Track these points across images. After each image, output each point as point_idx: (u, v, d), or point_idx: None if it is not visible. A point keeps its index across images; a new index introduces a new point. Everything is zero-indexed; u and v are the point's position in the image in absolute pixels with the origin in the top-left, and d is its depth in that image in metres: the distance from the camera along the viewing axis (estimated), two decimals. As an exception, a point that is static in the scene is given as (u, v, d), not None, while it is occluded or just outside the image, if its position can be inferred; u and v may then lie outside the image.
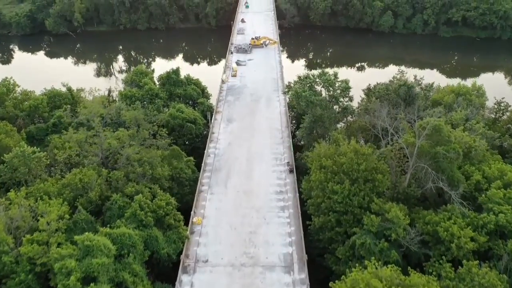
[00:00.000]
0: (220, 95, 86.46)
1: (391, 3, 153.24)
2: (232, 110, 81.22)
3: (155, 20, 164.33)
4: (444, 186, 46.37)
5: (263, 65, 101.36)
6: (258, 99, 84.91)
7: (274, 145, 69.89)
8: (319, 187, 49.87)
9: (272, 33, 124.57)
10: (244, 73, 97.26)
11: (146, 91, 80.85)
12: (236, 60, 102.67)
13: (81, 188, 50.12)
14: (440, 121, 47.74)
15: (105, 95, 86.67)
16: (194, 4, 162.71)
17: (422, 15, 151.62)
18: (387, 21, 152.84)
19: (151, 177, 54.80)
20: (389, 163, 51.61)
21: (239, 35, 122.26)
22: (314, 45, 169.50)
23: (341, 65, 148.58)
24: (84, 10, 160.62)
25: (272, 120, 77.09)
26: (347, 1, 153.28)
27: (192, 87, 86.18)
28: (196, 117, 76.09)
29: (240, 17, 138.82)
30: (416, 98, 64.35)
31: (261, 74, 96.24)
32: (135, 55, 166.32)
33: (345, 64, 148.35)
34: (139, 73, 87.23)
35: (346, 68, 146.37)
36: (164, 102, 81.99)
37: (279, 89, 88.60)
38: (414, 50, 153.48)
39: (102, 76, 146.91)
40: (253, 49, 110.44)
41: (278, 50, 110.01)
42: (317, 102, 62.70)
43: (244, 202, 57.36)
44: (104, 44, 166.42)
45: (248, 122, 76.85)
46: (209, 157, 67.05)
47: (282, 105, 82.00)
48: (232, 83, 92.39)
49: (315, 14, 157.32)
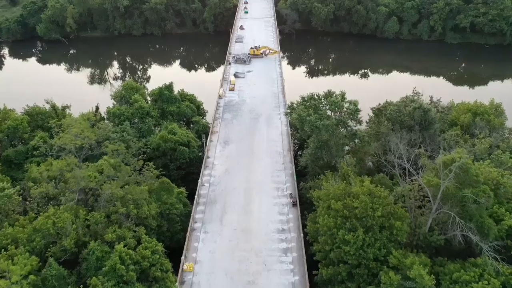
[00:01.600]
0: (217, 112, 79.57)
1: (396, 8, 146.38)
2: (230, 130, 74.39)
3: (151, 25, 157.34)
4: (473, 235, 39.62)
5: (263, 78, 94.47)
6: (257, 117, 78.09)
7: (275, 172, 63.07)
8: (327, 233, 43.10)
9: (272, 41, 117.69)
10: (243, 86, 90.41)
11: (136, 109, 74.05)
12: (234, 72, 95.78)
13: (54, 234, 43.35)
14: (468, 160, 40.90)
15: (93, 111, 79.78)
16: (191, 9, 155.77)
17: (428, 21, 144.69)
18: (392, 27, 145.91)
19: (136, 217, 48.05)
20: (407, 204, 44.87)
21: (238, 44, 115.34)
22: (315, 51, 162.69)
23: (344, 72, 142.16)
24: (77, 15, 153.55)
25: (273, 142, 70.27)
26: (350, 6, 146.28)
27: (187, 104, 79.41)
28: (190, 139, 69.26)
29: (239, 24, 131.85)
30: (433, 122, 57.59)
31: (261, 88, 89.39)
32: (130, 61, 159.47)
33: (348, 71, 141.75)
34: (129, 88, 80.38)
35: (349, 75, 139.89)
36: (155, 121, 75.26)
37: (280, 106, 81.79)
38: (419, 57, 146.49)
39: (96, 83, 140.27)
40: (253, 59, 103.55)
41: (279, 61, 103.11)
42: (323, 127, 55.91)
43: (242, 242, 50.58)
44: (98, 50, 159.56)
45: (247, 144, 70.02)
46: (203, 186, 60.23)
47: (284, 123, 75.21)
48: (229, 98, 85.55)
49: (317, 20, 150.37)
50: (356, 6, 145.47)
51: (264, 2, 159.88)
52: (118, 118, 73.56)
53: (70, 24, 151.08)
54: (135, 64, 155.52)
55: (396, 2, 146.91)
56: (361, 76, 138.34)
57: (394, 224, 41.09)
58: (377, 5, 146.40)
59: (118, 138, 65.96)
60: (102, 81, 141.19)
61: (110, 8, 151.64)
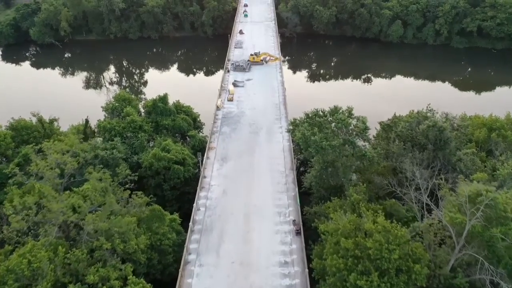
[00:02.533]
0: (214, 126, 74.47)
1: (400, 11, 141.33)
2: (228, 145, 69.29)
3: (148, 29, 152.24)
4: (505, 283, 34.60)
5: (263, 87, 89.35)
6: (257, 131, 73.01)
7: (276, 194, 57.97)
8: (336, 275, 38.07)
9: (273, 46, 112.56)
10: (242, 96, 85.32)
11: (128, 122, 68.98)
12: (233, 80, 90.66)
13: (29, 276, 38.35)
14: (497, 196, 35.85)
15: (82, 124, 74.74)
16: (189, 12, 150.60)
17: (433, 24, 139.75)
18: (396, 31, 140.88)
19: (122, 252, 43.02)
20: (426, 241, 39.87)
21: (237, 50, 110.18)
22: (317, 55, 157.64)
23: (346, 77, 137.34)
24: (72, 18, 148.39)
25: (274, 160, 65.14)
26: (353, 9, 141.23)
27: (182, 117, 74.34)
28: (186, 157, 64.19)
29: (238, 28, 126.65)
30: (449, 142, 52.57)
31: (261, 98, 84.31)
32: (127, 65, 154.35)
33: (350, 75, 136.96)
34: (121, 99, 75.31)
35: (351, 80, 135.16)
36: (149, 136, 70.20)
37: (281, 118, 76.72)
38: (424, 61, 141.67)
39: (92, 88, 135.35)
40: (252, 67, 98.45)
41: (280, 68, 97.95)
42: (329, 147, 50.89)
43: (241, 278, 45.46)
44: (93, 54, 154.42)
45: (246, 161, 64.91)
46: (199, 211, 55.12)
47: (286, 138, 70.07)
48: (228, 109, 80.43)
49: (319, 23, 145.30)
50: (359, 9, 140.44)
51: (264, 5, 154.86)
52: (109, 132, 68.54)
53: (65, 28, 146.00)
54: (132, 68, 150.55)
55: (400, 5, 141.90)
56: (364, 81, 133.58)
57: (412, 267, 36.07)
58: (380, 8, 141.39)
59: (107, 155, 61.12)
60: (98, 86, 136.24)
61: (105, 11, 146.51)
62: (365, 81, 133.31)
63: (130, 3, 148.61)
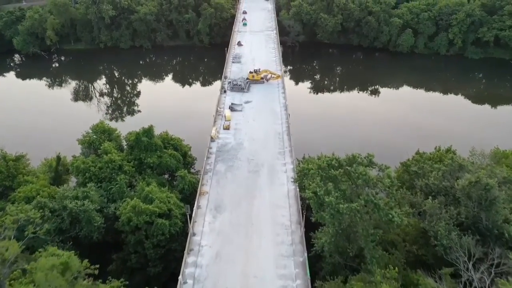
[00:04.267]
0: (207, 162, 63.47)
1: (411, 19, 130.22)
2: (223, 189, 58.31)
3: (140, 37, 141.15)
4: None
5: (264, 111, 78.42)
6: (257, 169, 62.04)
7: (281, 259, 46.98)
8: None
9: (274, 61, 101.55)
10: (240, 123, 74.40)
11: (106, 162, 58.13)
12: (230, 104, 79.75)
13: None
14: None
15: (54, 159, 63.86)
16: (184, 19, 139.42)
17: (446, 33, 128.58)
18: (407, 40, 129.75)
19: None
20: None
21: (235, 65, 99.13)
22: (321, 65, 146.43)
23: (352, 88, 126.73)
24: (59, 26, 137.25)
25: (278, 209, 54.15)
26: (361, 17, 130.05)
27: (170, 153, 63.36)
28: (172, 207, 53.34)
29: (236, 38, 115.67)
30: (496, 202, 41.86)
31: (262, 126, 73.42)
32: (118, 75, 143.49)
33: (356, 87, 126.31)
34: (99, 132, 64.48)
35: (357, 92, 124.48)
36: (130, 178, 59.33)
37: (285, 152, 65.78)
38: (436, 73, 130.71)
39: (81, 100, 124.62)
40: (252, 85, 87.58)
41: (283, 87, 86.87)
42: (347, 211, 40.12)
43: None
44: (82, 64, 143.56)
45: (244, 212, 53.92)
46: (186, 285, 44.31)
47: (290, 179, 59.25)
48: (223, 139, 69.50)
49: (323, 32, 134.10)
50: (367, 17, 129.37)
51: (264, 12, 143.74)
52: (83, 174, 57.76)
53: (51, 36, 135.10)
54: (123, 78, 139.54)
55: (410, 13, 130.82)
56: (371, 93, 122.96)
57: None
58: (389, 16, 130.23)
59: (77, 208, 50.42)
60: (87, 98, 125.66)
61: (94, 19, 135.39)
62: (372, 93, 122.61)
63: (121, 10, 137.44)
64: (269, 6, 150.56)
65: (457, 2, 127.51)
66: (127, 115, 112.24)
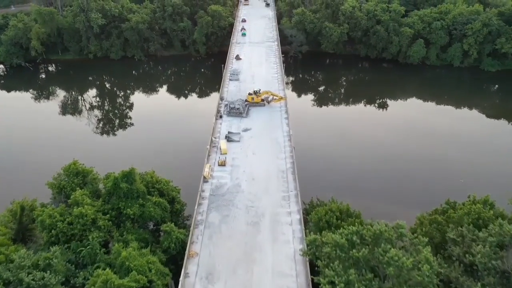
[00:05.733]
0: (198, 212, 53.21)
1: (422, 29, 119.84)
2: (216, 248, 48.07)
3: (132, 47, 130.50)
4: None
5: (265, 141, 68.16)
6: (258, 220, 51.83)
7: None
8: None
9: (276, 78, 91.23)
10: (237, 157, 64.18)
11: (76, 216, 47.99)
12: (226, 132, 69.54)
13: None
14: None
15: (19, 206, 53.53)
16: (179, 28, 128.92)
17: (461, 44, 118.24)
18: (418, 51, 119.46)
19: None
20: None
21: (233, 82, 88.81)
22: (325, 76, 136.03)
23: (358, 101, 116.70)
24: (45, 35, 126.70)
25: (282, 278, 44.00)
26: (368, 26, 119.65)
27: (155, 200, 53.03)
28: (153, 279, 43.04)
29: (235, 51, 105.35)
30: None
31: (263, 161, 63.12)
32: (109, 87, 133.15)
33: (362, 100, 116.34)
34: (72, 174, 54.27)
35: (364, 105, 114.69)
36: (105, 234, 49.15)
37: (290, 197, 55.52)
38: (449, 86, 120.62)
39: (69, 114, 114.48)
40: (251, 109, 77.47)
41: (286, 112, 76.64)
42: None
43: None
44: (70, 75, 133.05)
45: (242, 282, 43.90)
46: None
47: (297, 235, 49.19)
48: (218, 179, 59.22)
49: (328, 42, 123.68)
50: (375, 27, 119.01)
51: (264, 20, 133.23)
52: (49, 231, 47.66)
53: (36, 47, 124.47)
54: (115, 90, 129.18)
55: (422, 22, 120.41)
56: (379, 106, 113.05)
57: None
58: (399, 25, 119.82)
59: (36, 282, 40.34)
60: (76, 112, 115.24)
61: (82, 28, 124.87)
62: (379, 106, 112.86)
63: (112, 18, 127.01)
64: (270, 13, 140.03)
65: (472, 11, 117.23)
66: (113, 135, 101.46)
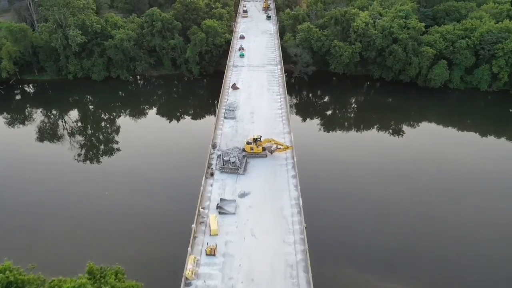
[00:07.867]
0: None
1: (445, 48, 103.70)
2: None
3: (116, 67, 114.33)
4: None
5: (267, 215, 51.72)
6: None
7: None
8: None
9: (280, 114, 75.11)
10: (232, 240, 47.81)
11: None
12: (218, 201, 53.54)
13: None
14: None
15: None
16: (169, 46, 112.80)
17: (489, 65, 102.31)
18: (441, 74, 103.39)
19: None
20: None
21: (228, 122, 72.62)
22: (332, 97, 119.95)
23: (370, 127, 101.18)
24: (18, 54, 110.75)
25: None
26: (384, 46, 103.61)
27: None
28: None
29: (231, 78, 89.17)
30: None
31: (266, 246, 46.81)
32: (93, 109, 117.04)
33: (375, 126, 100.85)
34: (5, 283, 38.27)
35: (377, 131, 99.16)
36: None
37: (303, 313, 39.86)
38: (475, 112, 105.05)
39: (46, 140, 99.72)
40: (250, 161, 61.58)
41: (293, 166, 60.54)
42: None
43: None
44: (48, 97, 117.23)
45: None
46: None
47: None
48: (205, 279, 43.21)
49: (338, 63, 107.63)
50: (392, 46, 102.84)
51: (266, 37, 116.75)
52: None
53: (7, 67, 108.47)
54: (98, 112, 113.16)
55: (444, 40, 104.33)
56: (393, 132, 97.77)
57: None
58: (419, 44, 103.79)
59: None
60: (55, 138, 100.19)
61: (59, 46, 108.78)
62: (394, 133, 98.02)
63: (93, 35, 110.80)
64: (271, 27, 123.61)
65: (502, 28, 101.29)
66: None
